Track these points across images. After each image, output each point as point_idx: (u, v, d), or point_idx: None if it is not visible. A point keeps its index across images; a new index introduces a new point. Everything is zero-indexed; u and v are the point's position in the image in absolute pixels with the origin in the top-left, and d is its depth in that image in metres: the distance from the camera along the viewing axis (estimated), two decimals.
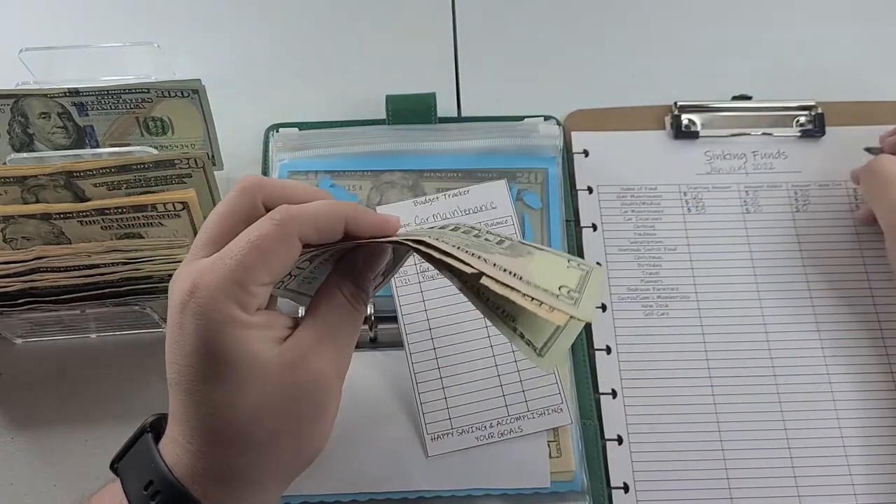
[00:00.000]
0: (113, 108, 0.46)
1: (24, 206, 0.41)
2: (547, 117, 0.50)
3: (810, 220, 0.48)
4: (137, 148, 0.44)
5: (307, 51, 0.56)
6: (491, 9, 0.57)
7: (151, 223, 0.42)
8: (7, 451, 0.43)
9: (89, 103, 0.46)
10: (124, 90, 0.45)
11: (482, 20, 0.57)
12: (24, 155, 0.44)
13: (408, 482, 0.39)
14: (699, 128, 0.51)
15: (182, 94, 0.45)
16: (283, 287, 0.33)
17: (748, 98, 0.52)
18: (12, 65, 0.50)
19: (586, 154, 0.50)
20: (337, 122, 0.50)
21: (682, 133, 0.51)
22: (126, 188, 0.42)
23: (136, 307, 0.41)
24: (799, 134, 0.51)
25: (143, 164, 0.41)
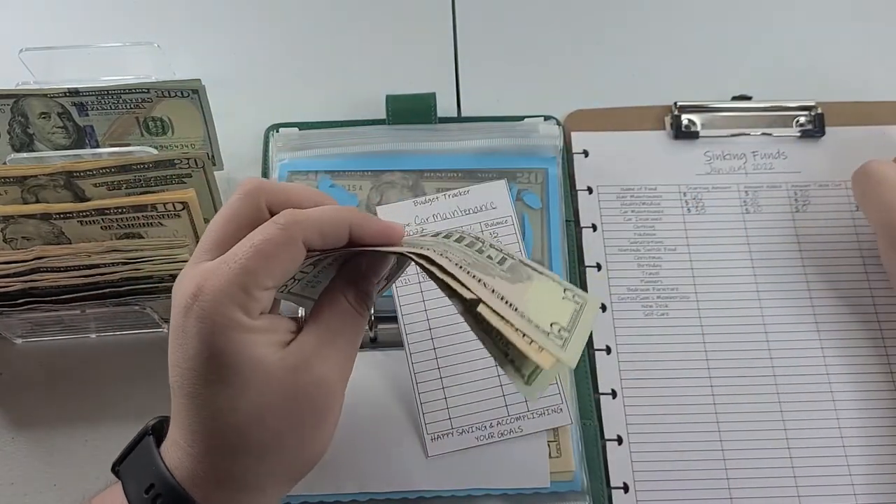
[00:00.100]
0: (113, 108, 0.46)
1: (24, 206, 0.41)
2: (547, 117, 0.50)
3: (810, 220, 0.48)
4: (137, 148, 0.44)
5: (307, 51, 0.56)
6: (491, 9, 0.57)
7: (151, 223, 0.42)
8: (7, 451, 0.43)
9: (89, 103, 0.45)
10: (124, 90, 0.45)
11: (482, 20, 0.57)
12: (24, 155, 0.44)
13: (408, 482, 0.39)
14: (699, 128, 0.51)
15: (182, 94, 0.45)
16: (286, 290, 0.33)
17: (748, 98, 0.52)
18: (12, 65, 0.50)
19: (586, 154, 0.50)
20: (337, 122, 0.50)
21: (682, 133, 0.51)
22: (126, 188, 0.42)
23: (136, 307, 0.41)
24: (799, 134, 0.51)
25: (143, 164, 0.41)
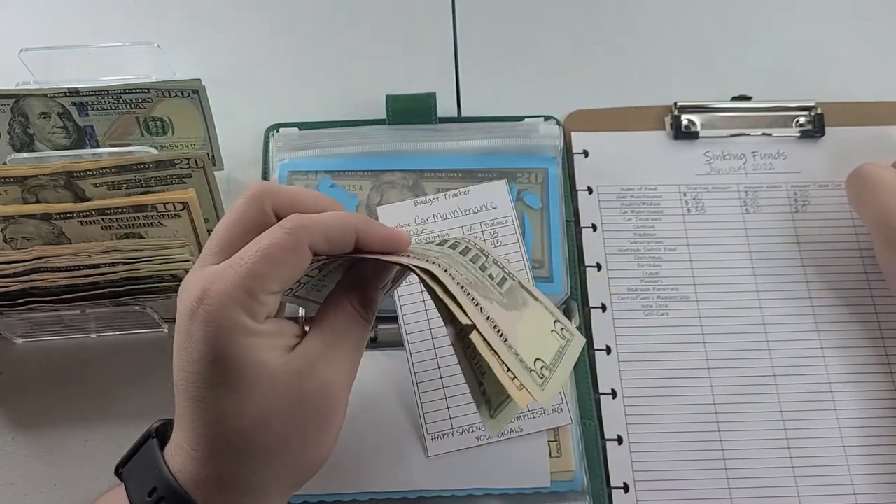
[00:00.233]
0: (113, 108, 0.46)
1: (25, 206, 0.41)
2: (547, 117, 0.50)
3: (810, 220, 0.48)
4: (137, 148, 0.44)
5: (307, 51, 0.56)
6: (491, 9, 0.57)
7: (151, 223, 0.42)
8: (7, 451, 0.43)
9: (89, 103, 0.45)
10: (124, 90, 0.45)
11: (482, 20, 0.57)
12: (25, 155, 0.44)
13: (408, 482, 0.40)
14: (699, 128, 0.51)
15: (182, 94, 0.45)
16: (291, 294, 0.33)
17: (748, 98, 0.52)
18: (12, 65, 0.50)
19: (586, 154, 0.50)
20: (337, 122, 0.50)
21: (682, 133, 0.51)
22: (126, 188, 0.42)
23: (136, 307, 0.41)
24: (798, 134, 0.51)
25: (143, 164, 0.41)
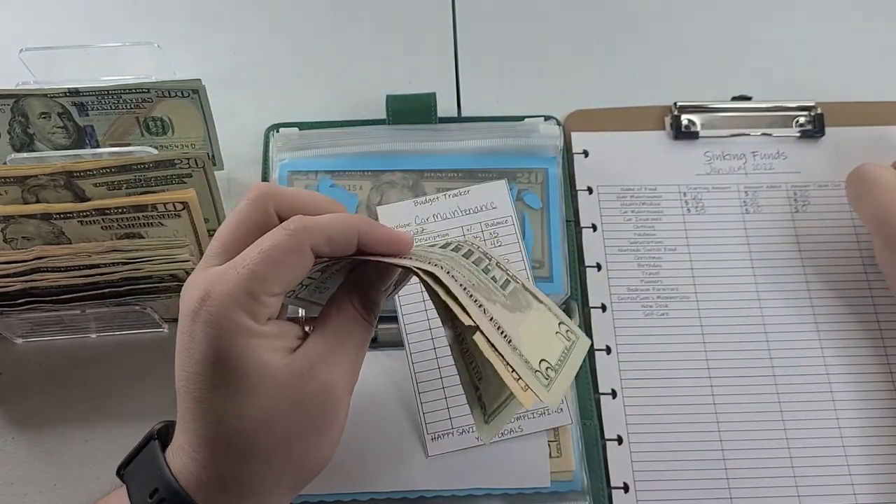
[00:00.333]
0: (113, 108, 0.46)
1: (25, 206, 0.41)
2: (547, 117, 0.50)
3: (810, 220, 0.48)
4: (137, 148, 0.44)
5: (307, 51, 0.56)
6: (491, 9, 0.57)
7: (151, 223, 0.42)
8: (7, 451, 0.43)
9: (89, 103, 0.45)
10: (124, 90, 0.45)
11: (482, 20, 0.57)
12: (25, 155, 0.44)
13: (408, 482, 0.40)
14: (699, 128, 0.51)
15: (182, 94, 0.45)
16: (294, 295, 0.33)
17: (748, 98, 0.52)
18: (12, 65, 0.50)
19: (586, 154, 0.50)
20: (337, 122, 0.50)
21: (682, 133, 0.51)
22: (126, 188, 0.42)
23: (137, 307, 0.41)
24: (798, 134, 0.51)
25: (143, 164, 0.41)
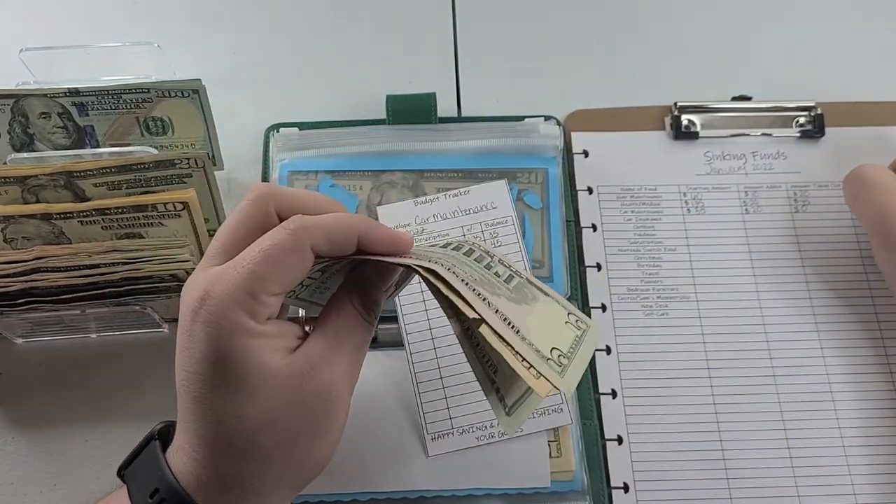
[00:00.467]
0: (113, 108, 0.46)
1: (25, 206, 0.41)
2: (547, 117, 0.50)
3: (809, 220, 0.48)
4: (138, 148, 0.44)
5: (307, 51, 0.56)
6: (491, 9, 0.57)
7: (151, 223, 0.42)
8: (7, 451, 0.43)
9: (89, 103, 0.45)
10: (124, 90, 0.45)
11: (482, 20, 0.57)
12: (25, 155, 0.44)
13: (408, 482, 0.40)
14: (699, 128, 0.51)
15: (182, 94, 0.45)
16: (294, 296, 0.33)
17: (748, 98, 0.52)
18: (12, 65, 0.50)
19: (586, 154, 0.50)
20: (337, 122, 0.50)
21: (682, 133, 0.51)
22: (126, 188, 0.42)
23: (137, 307, 0.41)
24: (798, 134, 0.51)
25: (143, 164, 0.41)
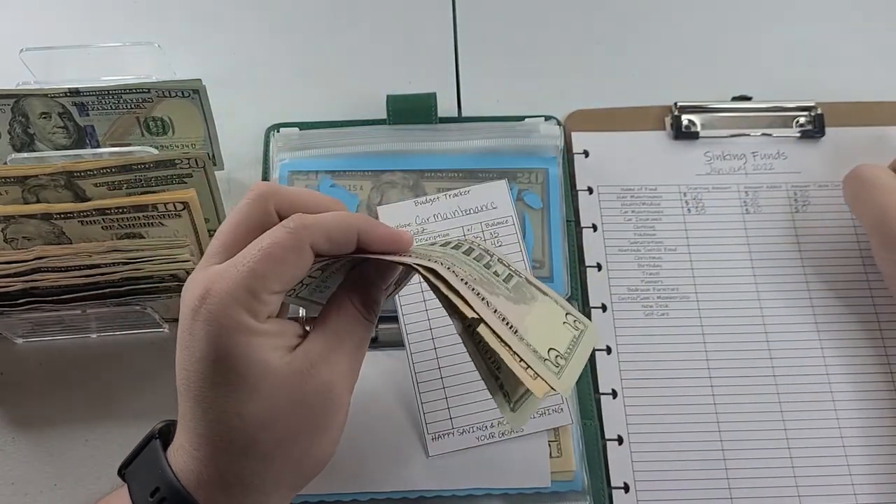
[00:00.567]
0: (113, 108, 0.46)
1: (25, 206, 0.41)
2: (547, 117, 0.50)
3: (810, 220, 0.48)
4: (138, 148, 0.44)
5: (307, 51, 0.56)
6: (491, 9, 0.57)
7: (152, 223, 0.42)
8: (7, 451, 0.43)
9: (90, 103, 0.45)
10: (125, 90, 0.45)
11: (482, 20, 0.57)
12: (25, 155, 0.44)
13: (409, 482, 0.40)
14: (699, 128, 0.51)
15: (182, 94, 0.45)
16: (294, 294, 0.33)
17: (748, 99, 0.52)
18: (13, 65, 0.50)
19: (586, 154, 0.50)
20: (337, 122, 0.50)
21: (682, 133, 0.51)
22: (126, 188, 0.42)
23: (137, 307, 0.41)
24: (798, 135, 0.51)
25: (143, 164, 0.41)
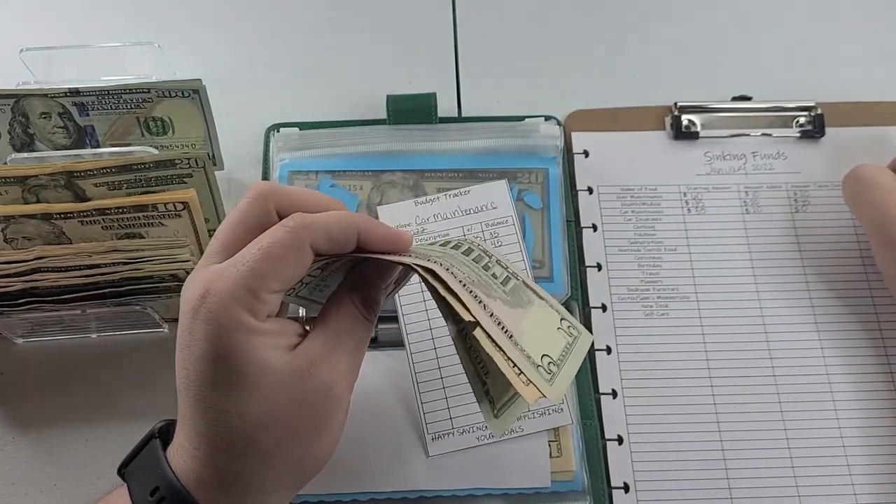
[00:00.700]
0: (113, 108, 0.46)
1: (25, 206, 0.41)
2: (547, 117, 0.50)
3: (810, 220, 0.48)
4: (138, 148, 0.44)
5: (307, 51, 0.56)
6: (491, 9, 0.57)
7: (152, 223, 0.42)
8: (7, 451, 0.43)
9: (90, 103, 0.45)
10: (125, 90, 0.45)
11: (482, 20, 0.57)
12: (25, 155, 0.44)
13: (409, 482, 0.40)
14: (699, 128, 0.51)
15: (182, 94, 0.45)
16: (294, 294, 0.33)
17: (748, 99, 0.52)
18: (13, 65, 0.50)
19: (586, 154, 0.50)
20: (337, 122, 0.50)
21: (683, 133, 0.51)
22: (127, 188, 0.42)
23: (137, 307, 0.41)
24: (798, 135, 0.51)
25: (143, 164, 0.41)
